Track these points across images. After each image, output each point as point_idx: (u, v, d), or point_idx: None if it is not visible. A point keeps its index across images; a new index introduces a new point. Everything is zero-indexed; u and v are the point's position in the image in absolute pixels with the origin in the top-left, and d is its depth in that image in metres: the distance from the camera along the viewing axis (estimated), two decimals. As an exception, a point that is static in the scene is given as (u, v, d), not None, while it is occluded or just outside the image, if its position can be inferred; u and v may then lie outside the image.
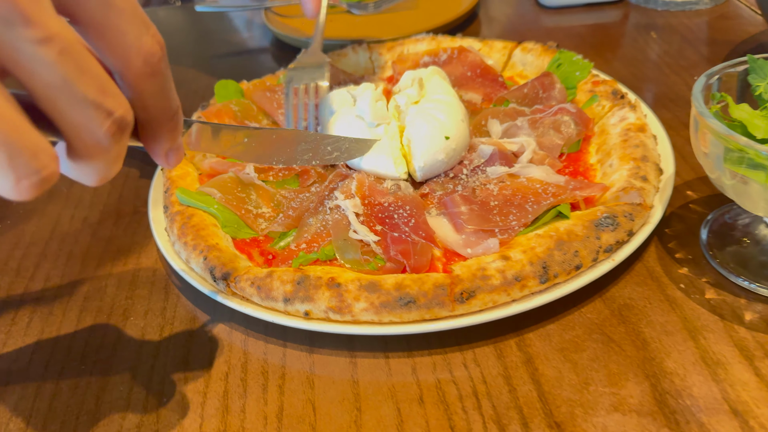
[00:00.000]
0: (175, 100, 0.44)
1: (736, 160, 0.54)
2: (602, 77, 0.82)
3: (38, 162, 0.35)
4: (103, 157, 0.39)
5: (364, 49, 0.96)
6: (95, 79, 0.36)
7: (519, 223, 0.63)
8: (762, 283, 0.60)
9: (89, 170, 0.40)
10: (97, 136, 0.38)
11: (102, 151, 0.39)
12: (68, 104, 0.36)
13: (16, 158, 0.34)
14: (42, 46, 0.34)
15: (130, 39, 0.39)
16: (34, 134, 0.35)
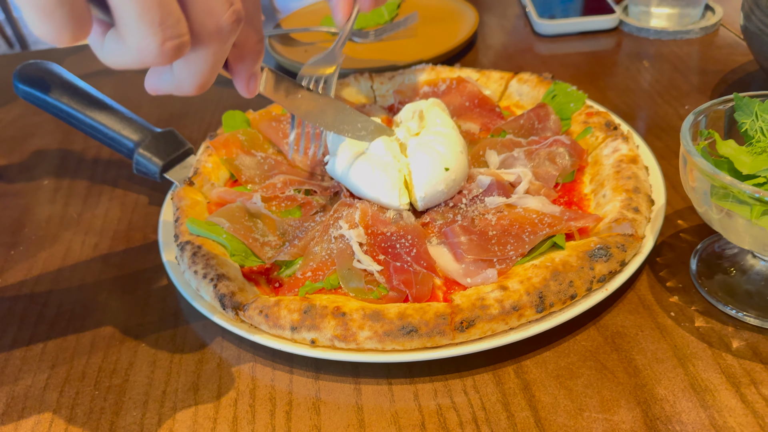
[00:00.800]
0: (262, 29, 0.50)
1: (722, 195, 0.57)
2: (596, 108, 0.85)
3: (181, 27, 0.41)
4: (216, 47, 0.44)
5: (366, 79, 0.99)
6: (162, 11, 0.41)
7: (516, 252, 0.66)
8: (749, 312, 0.62)
9: (197, 64, 0.44)
10: (221, 22, 0.43)
11: (219, 38, 0.44)
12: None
13: (166, 21, 0.39)
14: None
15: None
16: (178, 7, 0.41)
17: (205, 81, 0.46)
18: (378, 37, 1.19)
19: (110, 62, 0.42)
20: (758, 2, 0.81)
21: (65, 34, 0.38)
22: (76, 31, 0.38)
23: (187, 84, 0.46)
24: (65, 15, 0.37)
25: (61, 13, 0.37)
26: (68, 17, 0.37)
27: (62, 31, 0.38)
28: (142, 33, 0.39)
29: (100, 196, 0.90)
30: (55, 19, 0.37)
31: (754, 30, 0.82)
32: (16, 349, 0.68)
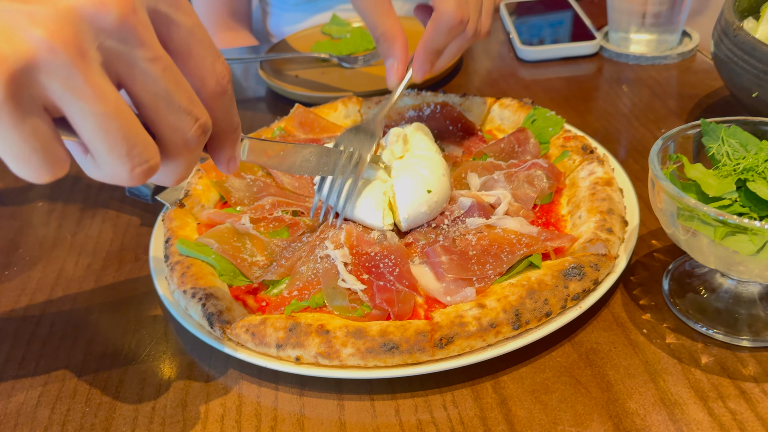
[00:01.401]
0: (237, 117, 0.53)
1: (688, 217, 0.60)
2: (573, 132, 0.89)
3: (149, 154, 0.44)
4: (186, 157, 0.49)
5: (354, 103, 1.02)
6: (187, 92, 0.46)
7: (495, 272, 0.69)
8: (717, 329, 0.65)
9: (172, 170, 0.49)
10: (187, 137, 0.47)
11: (188, 150, 0.48)
12: (167, 110, 0.45)
13: (132, 151, 0.43)
14: (151, 63, 0.43)
15: (207, 64, 0.48)
16: (145, 133, 0.44)
17: (183, 178, 0.51)
18: (366, 62, 1.22)
19: (94, 177, 0.46)
20: (726, 31, 0.84)
21: (44, 175, 0.42)
22: (53, 170, 0.42)
23: (168, 182, 0.51)
24: (41, 159, 0.41)
25: (37, 158, 0.41)
26: (44, 161, 0.41)
27: (41, 171, 0.41)
28: (113, 163, 0.43)
29: (93, 217, 0.92)
30: (32, 164, 0.41)
31: (722, 57, 0.85)
32: (8, 366, 0.70)
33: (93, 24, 0.40)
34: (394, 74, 0.82)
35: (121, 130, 0.42)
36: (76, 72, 0.39)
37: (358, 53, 1.27)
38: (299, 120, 0.98)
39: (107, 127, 0.42)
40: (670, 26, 1.17)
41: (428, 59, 0.80)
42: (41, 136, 0.40)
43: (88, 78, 0.40)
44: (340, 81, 1.18)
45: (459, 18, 0.75)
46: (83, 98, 0.40)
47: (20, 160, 0.41)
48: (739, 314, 0.66)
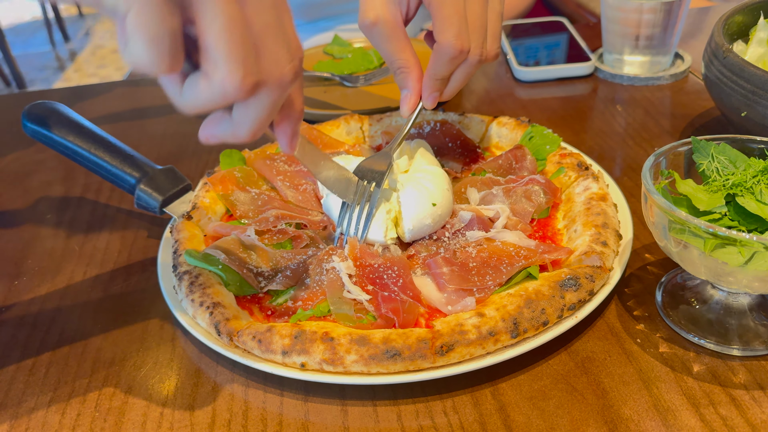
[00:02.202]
0: (303, 97, 0.59)
1: (679, 230, 0.63)
2: (569, 150, 0.92)
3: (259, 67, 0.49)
4: (275, 96, 0.51)
5: (356, 120, 1.05)
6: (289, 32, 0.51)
7: (494, 283, 0.71)
8: (709, 339, 0.67)
9: (258, 107, 0.51)
10: (284, 71, 0.51)
11: (280, 86, 0.51)
12: (274, 39, 0.50)
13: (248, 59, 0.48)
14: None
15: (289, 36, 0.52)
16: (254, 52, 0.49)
17: (260, 126, 0.53)
18: (367, 81, 1.25)
19: (188, 104, 0.50)
20: (716, 53, 0.88)
21: (166, 62, 0.46)
22: (173, 61, 0.46)
23: (244, 129, 0.53)
24: (169, 46, 0.45)
25: (167, 43, 0.45)
26: (170, 48, 0.45)
27: (165, 58, 0.46)
28: (229, 68, 0.47)
29: (101, 230, 0.94)
30: (161, 48, 0.45)
31: (713, 78, 0.89)
32: (19, 373, 0.71)
33: None
34: (407, 105, 0.85)
35: (242, 36, 0.47)
36: None
37: (360, 73, 1.31)
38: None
39: (231, 32, 0.46)
40: (662, 48, 1.20)
41: (434, 88, 0.82)
42: (173, 22, 0.45)
43: None
44: (342, 99, 1.21)
45: (459, 49, 0.77)
46: (213, 3, 0.46)
47: (153, 43, 0.45)
48: (730, 324, 0.68)
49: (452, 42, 0.76)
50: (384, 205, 0.80)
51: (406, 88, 0.84)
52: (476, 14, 0.78)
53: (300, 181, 0.91)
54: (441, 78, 0.81)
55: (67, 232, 0.94)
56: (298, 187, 0.91)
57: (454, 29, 0.76)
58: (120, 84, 1.44)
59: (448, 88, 0.83)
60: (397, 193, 0.81)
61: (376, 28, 0.81)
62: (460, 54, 0.77)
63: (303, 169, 0.93)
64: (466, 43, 0.77)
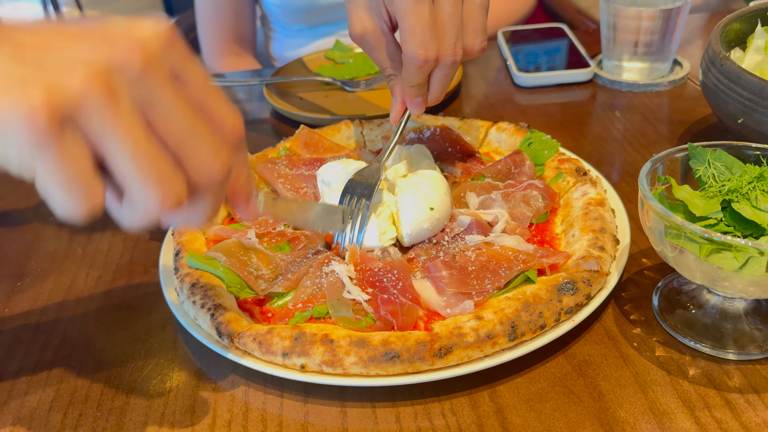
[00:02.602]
0: (248, 170, 0.58)
1: (675, 235, 0.63)
2: (568, 155, 0.92)
3: (178, 185, 0.48)
4: (213, 193, 0.52)
5: (356, 125, 1.06)
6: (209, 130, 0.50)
7: (493, 286, 0.72)
8: (705, 343, 0.68)
9: (200, 207, 0.52)
10: (212, 173, 0.50)
11: (213, 187, 0.51)
12: (193, 146, 0.49)
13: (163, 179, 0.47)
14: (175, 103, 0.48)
15: (222, 113, 0.52)
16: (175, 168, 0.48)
17: (210, 217, 0.54)
18: (368, 86, 1.26)
19: (128, 225, 0.50)
20: (714, 61, 0.89)
21: (82, 204, 0.46)
22: (89, 201, 0.46)
23: (195, 221, 0.54)
24: (78, 188, 0.45)
25: (75, 186, 0.45)
26: (81, 190, 0.45)
27: (78, 201, 0.46)
28: (146, 195, 0.47)
29: (103, 232, 0.95)
30: (72, 193, 0.45)
31: (710, 85, 0.90)
32: (22, 373, 0.72)
33: (122, 72, 0.45)
34: (393, 111, 0.87)
35: (153, 161, 0.46)
36: (110, 111, 0.44)
37: (361, 78, 1.32)
38: (304, 140, 1.02)
39: (139, 158, 0.46)
40: (661, 55, 1.21)
41: (413, 95, 0.83)
42: (81, 164, 0.45)
43: (120, 116, 0.45)
44: (342, 104, 1.22)
45: (423, 58, 0.76)
46: (117, 133, 0.45)
47: (61, 189, 0.45)
48: (725, 329, 0.69)
49: (415, 52, 0.76)
50: (378, 209, 0.80)
51: (394, 96, 0.86)
52: (447, 15, 0.77)
53: (301, 185, 0.92)
54: (415, 85, 0.81)
55: (70, 234, 0.95)
56: (298, 190, 0.91)
57: (416, 39, 0.76)
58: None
59: (430, 93, 0.84)
60: (395, 197, 0.82)
61: (364, 39, 0.82)
62: (425, 63, 0.77)
63: (304, 173, 0.94)
64: (431, 50, 0.76)
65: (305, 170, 0.94)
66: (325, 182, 0.87)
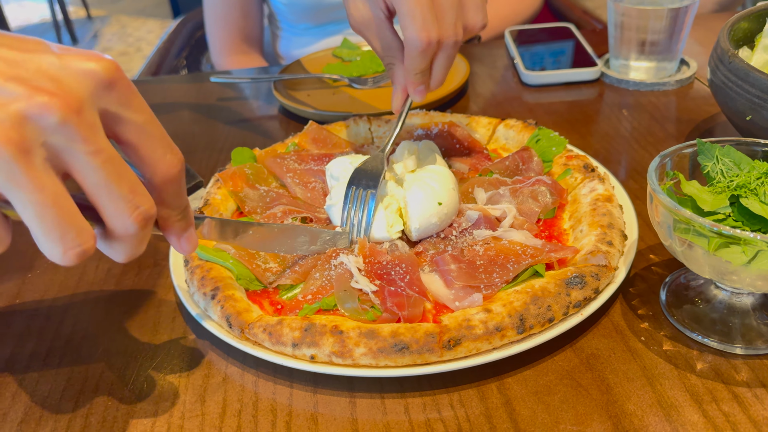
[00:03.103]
0: (185, 200, 0.58)
1: (684, 229, 0.64)
2: (575, 152, 0.93)
3: (82, 239, 0.49)
4: (130, 240, 0.53)
5: (365, 121, 1.07)
6: (128, 182, 0.50)
7: (501, 280, 0.72)
8: (712, 338, 0.68)
9: (120, 250, 0.54)
10: (127, 224, 0.51)
11: (130, 235, 0.52)
12: (108, 198, 0.50)
13: (66, 235, 0.48)
14: (92, 156, 0.48)
15: (157, 155, 0.53)
16: (81, 219, 0.49)
17: (133, 256, 0.55)
18: (376, 83, 1.27)
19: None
20: (722, 59, 0.89)
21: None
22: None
23: (118, 259, 0.55)
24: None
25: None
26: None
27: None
28: (48, 246, 0.49)
29: (113, 224, 0.96)
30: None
31: (719, 83, 0.90)
32: (33, 361, 0.73)
33: (39, 124, 0.46)
34: (395, 98, 0.87)
35: (55, 218, 0.47)
36: (18, 167, 0.45)
37: (368, 75, 1.32)
38: (312, 136, 1.02)
39: (42, 215, 0.47)
40: (668, 54, 1.22)
41: (416, 82, 0.82)
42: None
43: (28, 172, 0.46)
44: (350, 101, 1.23)
45: (426, 41, 0.75)
46: (23, 189, 0.46)
47: None
48: (733, 324, 0.69)
49: (417, 36, 0.75)
50: (384, 201, 0.80)
51: (394, 84, 0.86)
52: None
53: (309, 179, 0.92)
54: (419, 72, 0.81)
55: (80, 227, 0.96)
56: (307, 184, 0.92)
57: (417, 23, 0.75)
58: (131, 84, 1.46)
59: (433, 78, 0.83)
60: (402, 190, 0.82)
61: (363, 29, 0.83)
62: (428, 46, 0.76)
63: (313, 168, 0.94)
64: (434, 32, 0.76)
65: (314, 165, 0.95)
66: (334, 177, 0.87)
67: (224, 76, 1.35)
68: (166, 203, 0.56)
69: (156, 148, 0.53)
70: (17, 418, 0.66)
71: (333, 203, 0.83)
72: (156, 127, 0.53)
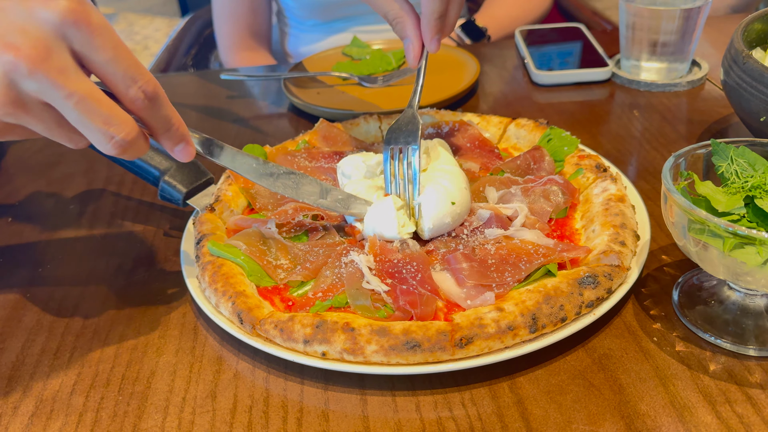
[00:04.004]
0: (170, 119, 0.64)
1: (698, 229, 0.63)
2: (587, 152, 0.92)
3: (127, 127, 0.58)
4: (125, 153, 0.60)
5: (375, 120, 1.07)
6: (101, 116, 0.57)
7: (513, 279, 0.72)
8: (725, 339, 0.68)
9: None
10: (108, 149, 0.59)
11: (118, 152, 0.60)
12: (87, 132, 0.58)
13: (112, 125, 0.57)
14: (65, 99, 0.55)
15: (120, 91, 0.59)
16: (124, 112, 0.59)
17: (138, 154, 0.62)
18: (386, 82, 1.27)
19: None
20: (736, 59, 0.89)
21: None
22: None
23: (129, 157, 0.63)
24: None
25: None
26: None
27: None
28: (97, 135, 0.58)
29: (123, 220, 0.96)
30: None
31: (732, 84, 0.89)
32: (44, 357, 0.73)
33: (15, 78, 0.53)
34: (411, 53, 0.86)
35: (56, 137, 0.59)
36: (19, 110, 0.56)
37: (378, 74, 1.32)
38: (323, 134, 1.02)
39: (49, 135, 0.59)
40: (680, 55, 1.21)
41: (436, 29, 0.84)
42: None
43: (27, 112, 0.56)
44: (359, 99, 1.23)
45: None
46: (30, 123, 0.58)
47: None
48: (746, 325, 0.69)
49: None
50: (396, 202, 0.80)
51: (406, 37, 0.85)
52: None
53: (320, 177, 0.92)
54: (439, 16, 0.82)
55: (90, 223, 0.96)
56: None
57: None
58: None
59: (447, 24, 0.85)
60: (411, 188, 0.81)
61: None
62: None
63: (323, 165, 0.94)
64: None
65: (324, 163, 0.95)
66: (346, 174, 0.87)
67: (234, 73, 1.35)
68: (146, 122, 0.62)
69: (118, 84, 0.58)
70: (28, 411, 0.66)
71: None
72: (119, 64, 0.57)
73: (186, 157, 0.67)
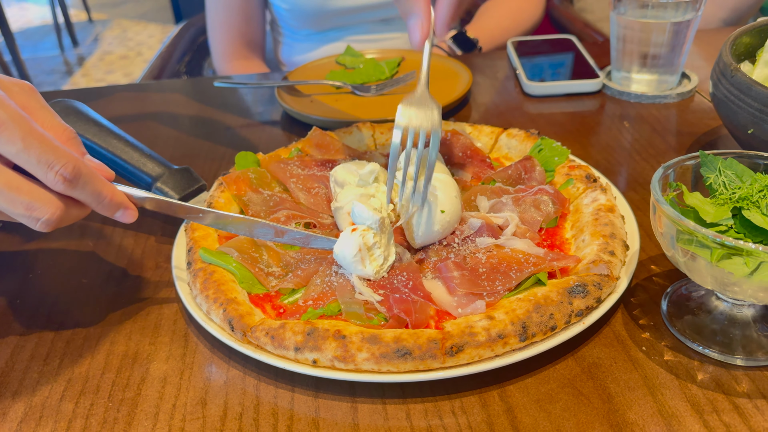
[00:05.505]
0: (99, 192, 0.66)
1: (687, 240, 0.64)
2: (578, 162, 0.93)
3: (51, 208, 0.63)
4: (58, 227, 0.64)
5: (368, 128, 1.07)
6: (21, 203, 0.62)
7: (504, 287, 0.72)
8: (713, 348, 0.68)
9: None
10: (37, 228, 0.63)
11: (49, 229, 0.64)
12: (14, 216, 0.64)
13: (35, 209, 0.62)
14: None
15: (39, 176, 0.62)
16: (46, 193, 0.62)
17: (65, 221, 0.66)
18: (379, 91, 1.27)
19: None
20: (724, 73, 0.90)
21: None
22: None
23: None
24: None
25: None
26: None
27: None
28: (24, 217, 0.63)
29: (114, 228, 0.96)
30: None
31: (720, 97, 0.91)
32: (33, 363, 0.73)
33: None
34: (419, 30, 0.77)
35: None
36: None
37: (371, 83, 1.33)
38: (316, 142, 1.03)
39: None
40: (670, 68, 1.22)
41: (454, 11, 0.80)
42: None
43: None
44: (353, 108, 1.23)
45: None
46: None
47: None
48: (734, 335, 0.69)
49: None
50: (363, 238, 0.74)
51: (413, 13, 0.77)
52: None
53: (313, 185, 0.93)
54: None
55: (81, 229, 0.96)
56: (310, 190, 0.92)
57: None
58: (133, 87, 1.46)
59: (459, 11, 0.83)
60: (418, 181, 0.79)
61: None
62: None
63: (316, 173, 0.94)
64: None
65: (317, 171, 0.95)
66: (339, 183, 0.88)
67: (228, 81, 1.35)
68: (77, 199, 0.65)
69: (35, 171, 0.61)
70: (17, 417, 0.66)
71: (340, 206, 0.83)
72: (30, 153, 0.60)
73: (128, 220, 0.70)
